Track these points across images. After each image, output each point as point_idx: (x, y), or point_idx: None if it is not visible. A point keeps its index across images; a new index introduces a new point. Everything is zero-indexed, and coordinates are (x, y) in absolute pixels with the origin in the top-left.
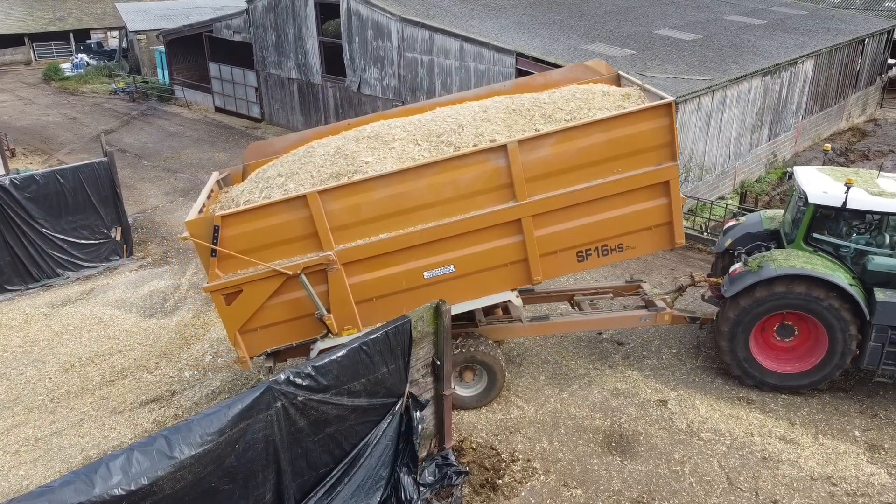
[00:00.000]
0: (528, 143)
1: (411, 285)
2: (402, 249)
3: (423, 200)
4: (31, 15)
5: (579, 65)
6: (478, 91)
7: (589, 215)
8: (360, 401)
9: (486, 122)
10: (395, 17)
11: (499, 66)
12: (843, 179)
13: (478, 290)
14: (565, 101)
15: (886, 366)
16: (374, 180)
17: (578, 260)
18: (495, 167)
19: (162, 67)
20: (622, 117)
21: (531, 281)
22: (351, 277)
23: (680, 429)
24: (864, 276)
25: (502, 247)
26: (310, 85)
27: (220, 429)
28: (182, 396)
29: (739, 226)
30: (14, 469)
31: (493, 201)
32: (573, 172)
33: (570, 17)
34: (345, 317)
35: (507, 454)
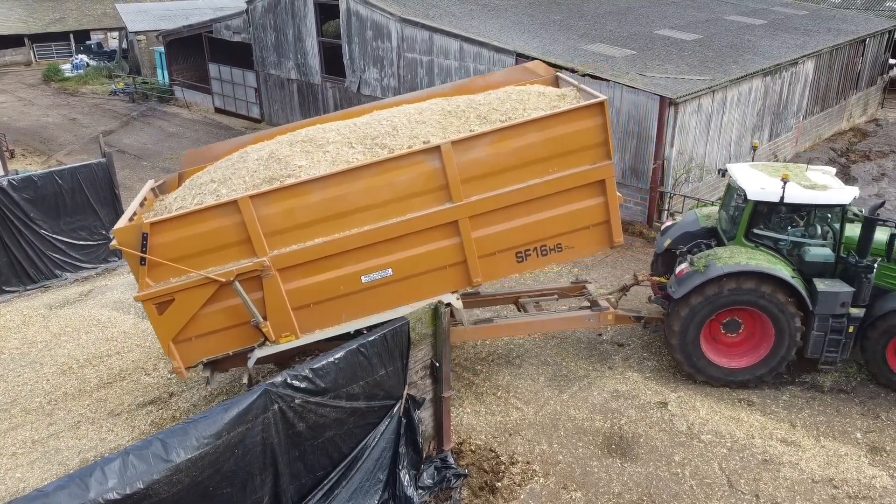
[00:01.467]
0: (462, 144)
1: (349, 290)
2: (338, 254)
3: (358, 204)
4: (31, 16)
5: (519, 67)
6: (418, 93)
7: (526, 215)
8: (358, 403)
9: (420, 125)
10: (395, 18)
11: (499, 67)
12: (775, 175)
13: (417, 293)
14: (500, 102)
15: (829, 353)
16: (308, 184)
17: (518, 261)
18: (430, 169)
19: (162, 68)
20: (555, 117)
21: (471, 283)
22: (287, 283)
23: (680, 431)
24: (802, 267)
25: (440, 249)
26: (309, 85)
27: (216, 432)
28: (180, 398)
29: (677, 225)
30: (11, 472)
31: (429, 203)
32: (509, 173)
33: (569, 17)
34: (282, 324)
35: (507, 456)
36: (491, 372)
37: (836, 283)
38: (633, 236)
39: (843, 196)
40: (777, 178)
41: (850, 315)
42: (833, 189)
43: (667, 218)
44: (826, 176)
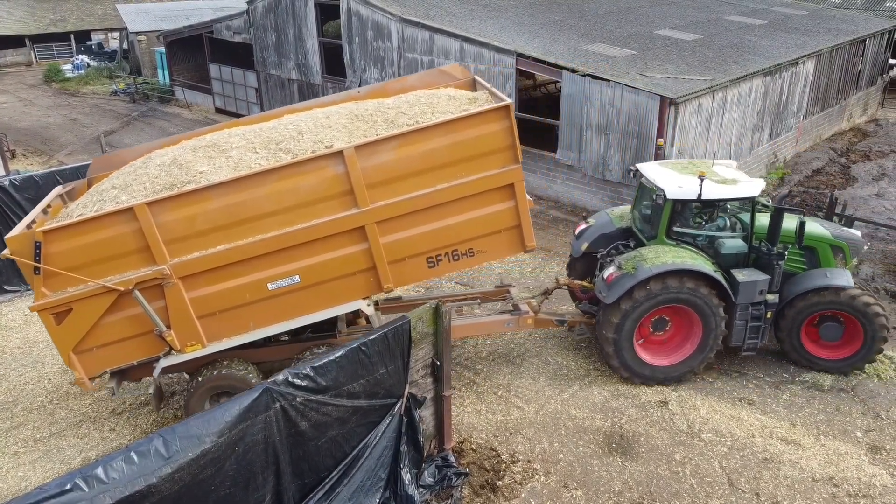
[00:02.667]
0: (366, 149)
1: (255, 297)
2: (242, 261)
3: (261, 210)
4: (31, 16)
5: (435, 70)
6: (333, 97)
7: (435, 220)
8: (359, 402)
9: (326, 129)
10: (395, 18)
11: (499, 67)
12: (686, 172)
13: (326, 300)
14: (409, 106)
15: (750, 339)
16: (206, 190)
17: (429, 266)
18: (334, 174)
19: (162, 68)
20: (460, 120)
21: (381, 289)
22: (190, 291)
23: (681, 430)
24: (719, 260)
25: (348, 255)
26: (310, 85)
27: (218, 430)
28: (182, 397)
29: (591, 228)
30: (13, 470)
31: (334, 209)
32: (416, 177)
33: (570, 18)
34: (187, 333)
35: (508, 455)
36: (492, 371)
37: (753, 272)
38: None
39: (753, 188)
40: (690, 176)
41: (766, 302)
42: (743, 182)
43: (580, 221)
44: (732, 170)
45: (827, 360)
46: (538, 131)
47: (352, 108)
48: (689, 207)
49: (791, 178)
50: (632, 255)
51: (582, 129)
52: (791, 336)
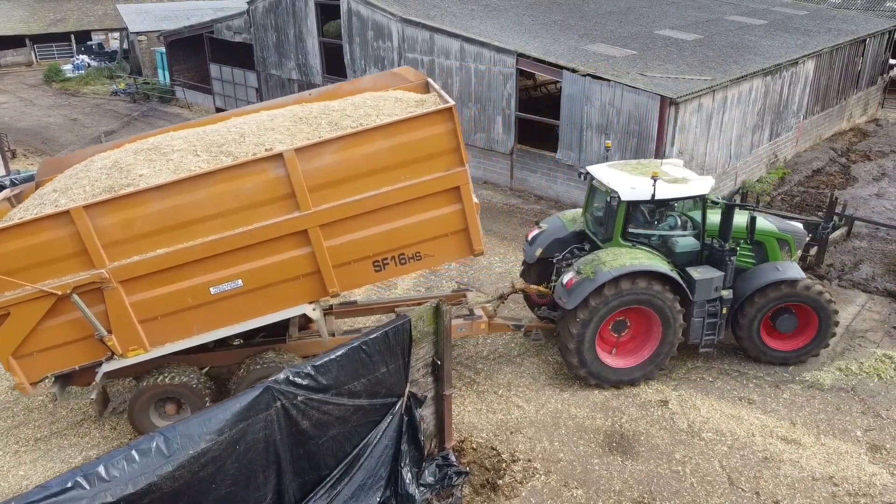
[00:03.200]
0: (307, 152)
1: (198, 302)
2: (183, 264)
3: (201, 213)
4: (32, 16)
5: (387, 72)
6: (283, 99)
7: (381, 224)
8: (360, 401)
9: (269, 131)
10: (396, 18)
11: (499, 67)
12: (636, 173)
13: (271, 304)
14: (354, 108)
15: (707, 336)
16: (144, 193)
17: (376, 270)
18: (275, 177)
19: (163, 68)
20: (402, 123)
21: (327, 293)
22: (131, 296)
23: (681, 429)
24: (673, 258)
25: (291, 259)
26: (310, 85)
27: (219, 428)
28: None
29: (544, 233)
30: (14, 469)
31: (276, 212)
32: (360, 180)
33: (570, 18)
34: (128, 337)
35: (508, 454)
36: (492, 370)
37: (707, 269)
38: None
39: (703, 186)
40: (642, 177)
41: (722, 298)
42: (693, 181)
43: (533, 226)
44: (681, 168)
45: (785, 352)
46: (539, 131)
47: (296, 111)
48: (642, 208)
49: (791, 177)
50: (590, 258)
51: (582, 128)
52: (751, 331)
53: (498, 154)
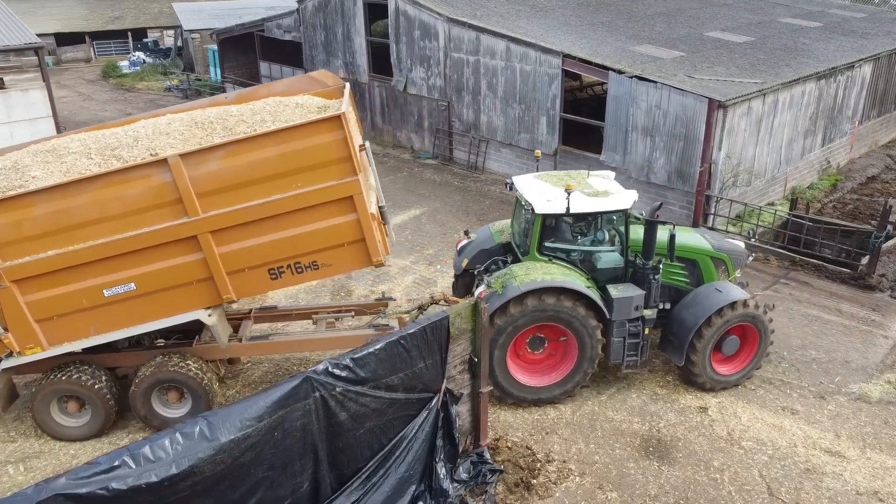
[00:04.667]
0: (193, 157)
1: (92, 303)
2: (75, 266)
3: (90, 216)
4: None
5: (305, 76)
6: (200, 101)
7: (274, 232)
8: (397, 394)
9: (163, 136)
10: (443, 18)
11: (545, 67)
12: (559, 185)
13: (166, 308)
14: (252, 114)
15: (629, 357)
16: (32, 195)
17: (272, 278)
18: (161, 182)
19: (214, 66)
20: (289, 130)
21: (221, 300)
22: (26, 295)
23: (720, 436)
24: (596, 274)
25: (183, 264)
26: (357, 84)
27: (258, 415)
28: (225, 385)
29: (472, 243)
30: (64, 448)
31: (165, 217)
32: (251, 187)
33: (618, 19)
34: (25, 336)
35: (543, 454)
36: None
37: (629, 287)
38: None
39: (624, 201)
40: (560, 189)
41: (644, 318)
42: (614, 194)
43: (463, 236)
44: (607, 181)
45: (731, 376)
46: (583, 132)
47: (195, 116)
48: (562, 221)
49: (844, 184)
50: (502, 272)
51: (627, 130)
52: (705, 361)
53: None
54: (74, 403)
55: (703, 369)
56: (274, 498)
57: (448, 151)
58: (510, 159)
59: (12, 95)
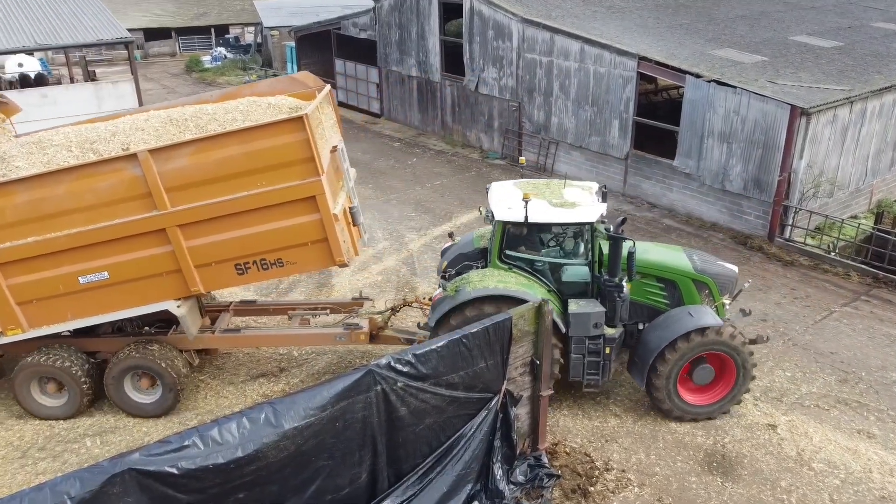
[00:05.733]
0: (161, 153)
1: (68, 289)
2: (52, 253)
3: (67, 206)
4: (178, 10)
5: (286, 77)
6: (186, 99)
7: (239, 228)
8: (457, 393)
9: (139, 131)
10: (517, 18)
11: (619, 69)
12: (534, 194)
13: (137, 297)
14: (225, 113)
15: (590, 375)
16: (11, 184)
17: (238, 273)
18: (132, 176)
19: (291, 62)
20: (251, 130)
21: (188, 292)
22: (8, 279)
23: (789, 456)
24: (563, 287)
25: (152, 256)
26: (429, 83)
27: (321, 405)
28: (290, 374)
29: (454, 247)
30: (138, 426)
31: (136, 210)
32: (217, 184)
33: (697, 21)
34: (6, 317)
35: (602, 462)
36: None
37: (591, 303)
38: (751, 251)
39: (588, 214)
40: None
41: (605, 336)
42: (580, 207)
43: (448, 238)
44: (584, 192)
45: (699, 406)
46: (657, 137)
47: (171, 113)
48: (527, 231)
49: None
50: (461, 277)
51: (703, 136)
52: (669, 388)
53: (612, 158)
54: (54, 384)
55: (668, 395)
56: (333, 486)
57: (517, 152)
58: (580, 162)
59: (103, 87)
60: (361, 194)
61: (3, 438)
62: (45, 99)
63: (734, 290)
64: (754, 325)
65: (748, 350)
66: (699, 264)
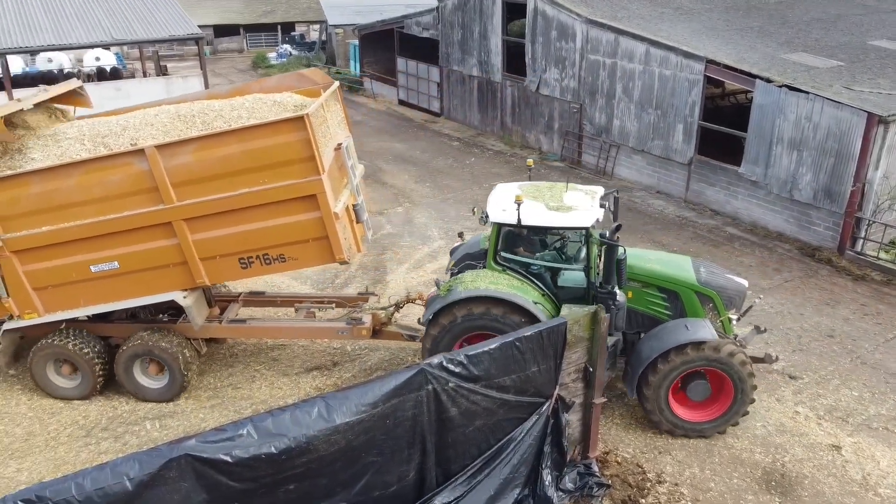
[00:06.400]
0: (167, 149)
1: (81, 277)
2: (65, 242)
3: (78, 198)
4: (246, 8)
5: (294, 73)
6: (197, 94)
7: (243, 223)
8: (508, 396)
9: (148, 126)
10: (581, 19)
11: (685, 73)
12: (529, 195)
13: (145, 287)
14: (231, 110)
15: None
16: (28, 175)
17: (242, 267)
18: (139, 170)
19: (354, 60)
20: (253, 129)
21: (194, 284)
22: (25, 265)
23: (853, 479)
24: (559, 292)
25: (160, 248)
26: (489, 83)
27: (373, 401)
28: (343, 368)
29: (462, 246)
30: (195, 412)
31: (144, 203)
32: (221, 180)
33: (770, 24)
34: (24, 302)
35: (654, 474)
36: None
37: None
38: (819, 263)
39: (583, 219)
40: (529, 200)
41: None
42: (576, 211)
43: (458, 238)
44: (585, 197)
45: (699, 423)
46: (722, 143)
47: (180, 109)
48: (523, 233)
49: None
50: (456, 277)
51: (772, 143)
52: (659, 400)
53: (675, 164)
54: (68, 367)
55: (658, 408)
56: (381, 483)
57: (576, 154)
58: (641, 166)
59: (174, 82)
60: (419, 192)
61: (70, 417)
62: (118, 92)
63: (742, 305)
64: (820, 340)
65: (747, 370)
66: (704, 276)
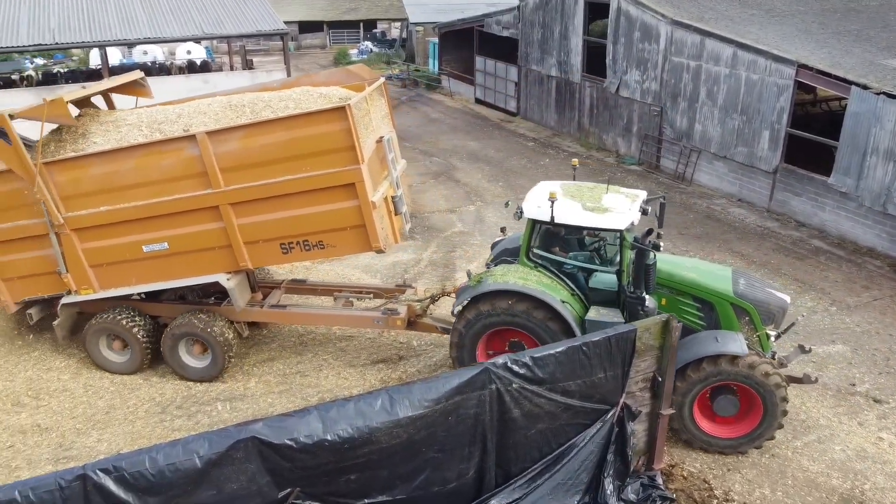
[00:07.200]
0: (217, 135)
1: (133, 256)
2: (120, 222)
3: (134, 180)
4: (330, 5)
5: (342, 69)
6: (251, 86)
7: (285, 209)
8: (572, 401)
9: (201, 115)
10: (666, 20)
11: (774, 77)
12: (567, 194)
13: (192, 268)
14: (279, 101)
15: None
16: (89, 157)
17: (283, 252)
18: (190, 155)
19: (433, 58)
20: (297, 118)
21: (237, 267)
22: (83, 243)
23: None
24: (591, 294)
25: (207, 231)
26: (568, 83)
27: (436, 398)
28: (408, 363)
29: (503, 241)
30: (264, 396)
31: (193, 187)
32: (267, 167)
33: (869, 27)
34: (81, 278)
35: (721, 492)
36: None
37: (611, 312)
38: None
39: (617, 221)
40: (567, 199)
41: None
42: (611, 213)
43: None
44: (624, 199)
45: (724, 440)
46: (810, 151)
47: (232, 99)
48: (556, 232)
49: None
50: (488, 270)
51: (866, 153)
52: (682, 412)
53: (759, 171)
54: (119, 342)
55: (682, 420)
56: (440, 479)
57: (655, 159)
58: (723, 173)
59: (258, 76)
60: (491, 192)
61: (147, 394)
62: (206, 84)
63: (782, 322)
64: None
65: (781, 393)
66: (741, 288)
